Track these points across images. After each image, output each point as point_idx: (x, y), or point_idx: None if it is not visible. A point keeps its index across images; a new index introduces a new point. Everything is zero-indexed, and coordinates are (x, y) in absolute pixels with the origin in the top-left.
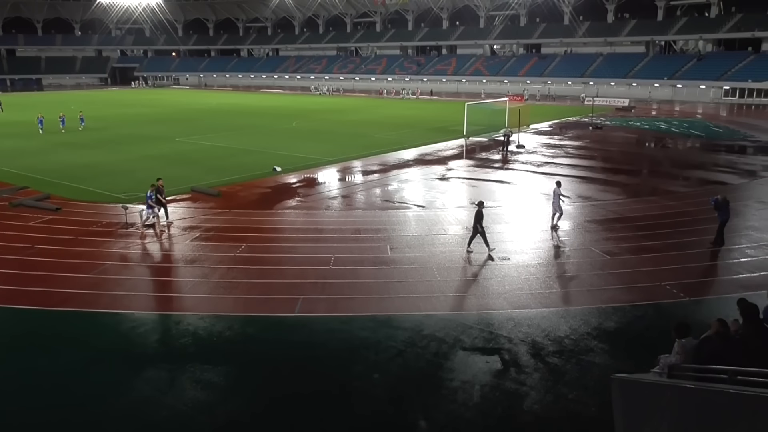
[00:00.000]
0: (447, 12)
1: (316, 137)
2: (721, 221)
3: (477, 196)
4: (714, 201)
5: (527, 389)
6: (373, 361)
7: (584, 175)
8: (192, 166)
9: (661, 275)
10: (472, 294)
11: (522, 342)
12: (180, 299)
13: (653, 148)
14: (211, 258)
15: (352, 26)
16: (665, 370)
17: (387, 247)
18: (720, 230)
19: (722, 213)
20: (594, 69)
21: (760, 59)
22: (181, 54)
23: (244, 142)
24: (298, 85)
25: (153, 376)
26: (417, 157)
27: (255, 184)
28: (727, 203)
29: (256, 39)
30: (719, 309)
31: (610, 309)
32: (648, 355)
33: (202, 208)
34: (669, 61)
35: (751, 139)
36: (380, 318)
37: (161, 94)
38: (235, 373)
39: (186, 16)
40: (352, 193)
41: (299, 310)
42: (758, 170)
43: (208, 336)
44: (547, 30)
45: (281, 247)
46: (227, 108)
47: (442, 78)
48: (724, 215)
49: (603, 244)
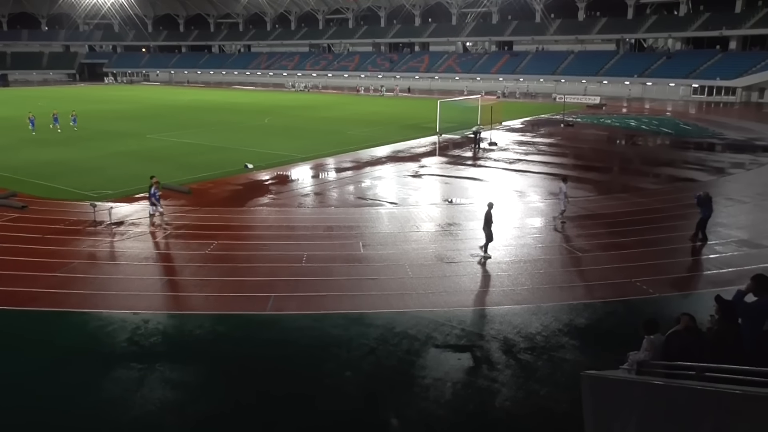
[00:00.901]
0: (419, 9)
1: (288, 134)
2: (703, 217)
3: (450, 193)
4: (697, 197)
5: (499, 386)
6: (345, 359)
7: (556, 172)
8: (162, 163)
9: (630, 272)
10: (444, 291)
11: (494, 339)
12: (149, 297)
13: (624, 146)
14: (181, 256)
15: (325, 23)
16: (634, 367)
17: (360, 245)
18: (701, 226)
19: (705, 209)
20: (565, 66)
21: (728, 57)
22: (151, 50)
23: (215, 139)
24: (271, 82)
25: (122, 376)
26: (390, 154)
27: (226, 181)
28: (710, 199)
29: (227, 35)
30: (688, 305)
31: (581, 305)
32: (618, 352)
33: (173, 206)
34: (639, 59)
35: (719, 136)
36: (352, 315)
37: (131, 91)
38: (206, 371)
39: (156, 12)
40: (325, 190)
41: (271, 308)
42: (726, 167)
43: (178, 335)
44: (518, 27)
45: (253, 245)
46: (198, 104)
47: (414, 75)
48: (707, 211)
49: (574, 241)
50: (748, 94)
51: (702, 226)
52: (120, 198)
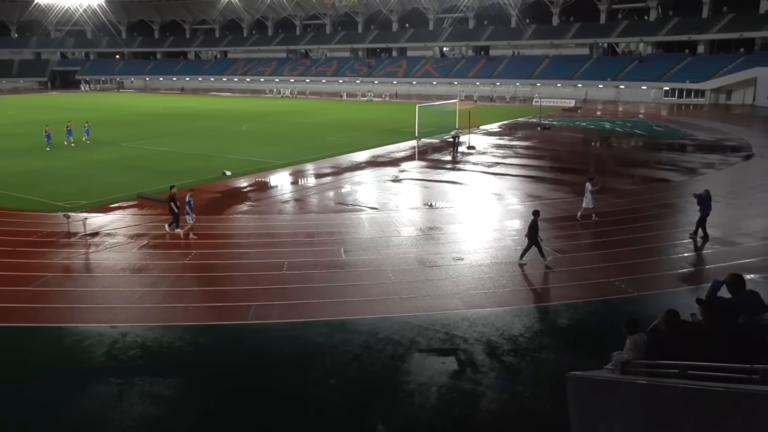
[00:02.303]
0: (396, 14)
1: (267, 140)
2: (703, 215)
3: (430, 197)
4: (698, 196)
5: (483, 389)
6: (329, 366)
7: (534, 174)
8: (138, 172)
9: (610, 271)
10: (427, 295)
11: (477, 342)
12: (127, 310)
13: (599, 148)
14: (159, 266)
15: (302, 28)
16: (618, 367)
17: (341, 251)
18: (701, 224)
19: (704, 207)
20: (541, 70)
21: (697, 61)
22: (125, 56)
23: (192, 146)
24: (248, 88)
25: (99, 392)
26: (370, 159)
27: (204, 189)
28: (709, 198)
29: (203, 41)
30: (666, 303)
31: (563, 306)
32: (600, 351)
33: (150, 215)
34: (612, 62)
35: (691, 137)
36: (335, 322)
37: (105, 98)
38: (187, 384)
39: (130, 18)
40: (305, 197)
41: (252, 317)
42: (698, 167)
43: (158, 347)
44: (494, 32)
45: (233, 253)
46: (174, 111)
47: (393, 80)
48: (705, 209)
49: (553, 242)
50: (716, 96)
51: (702, 224)
52: (95, 208)
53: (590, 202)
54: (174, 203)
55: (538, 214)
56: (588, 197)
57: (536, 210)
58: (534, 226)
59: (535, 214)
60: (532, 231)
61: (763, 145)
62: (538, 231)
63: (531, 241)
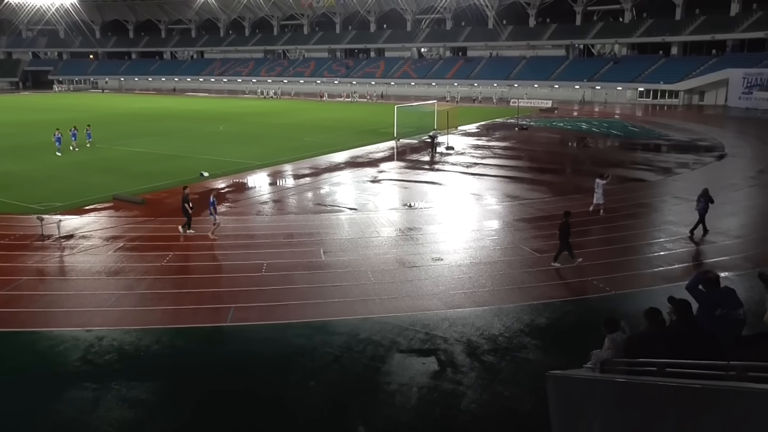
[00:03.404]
0: (374, 15)
1: (244, 141)
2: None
3: (409, 197)
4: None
5: (464, 389)
6: (310, 368)
7: (512, 174)
8: (113, 174)
9: (588, 271)
10: (407, 295)
11: (457, 342)
12: (103, 313)
13: (576, 148)
14: (136, 269)
15: (279, 28)
16: (597, 366)
17: (320, 252)
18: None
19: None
20: (518, 71)
21: (670, 62)
22: (99, 56)
23: (169, 147)
24: (225, 88)
25: (75, 397)
26: (348, 160)
27: (181, 190)
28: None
29: (179, 41)
30: (643, 301)
31: (541, 305)
32: (580, 350)
33: (126, 217)
34: (588, 63)
35: (665, 138)
36: (315, 324)
37: (79, 99)
38: (165, 388)
39: (104, 17)
40: (284, 198)
41: (231, 320)
42: (673, 167)
43: (135, 351)
44: (472, 33)
45: (211, 255)
46: (150, 112)
47: (371, 81)
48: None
49: (532, 242)
50: (689, 96)
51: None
52: (69, 210)
53: (601, 198)
54: (187, 204)
55: (569, 215)
56: (599, 192)
57: (567, 211)
58: (565, 227)
59: (566, 215)
60: (563, 233)
61: (735, 145)
62: (569, 232)
63: (563, 243)
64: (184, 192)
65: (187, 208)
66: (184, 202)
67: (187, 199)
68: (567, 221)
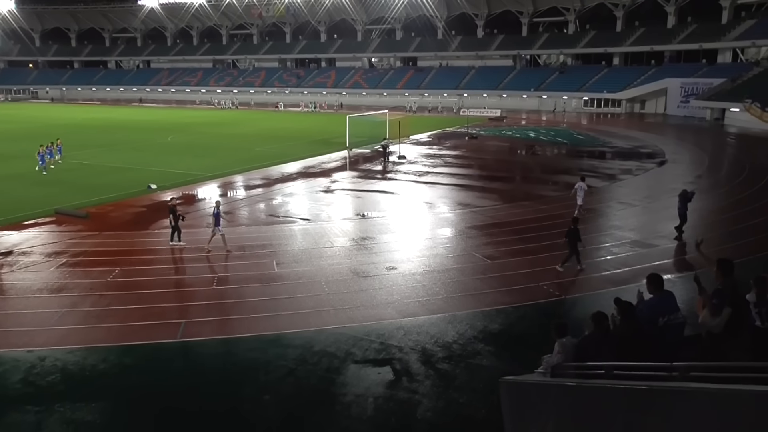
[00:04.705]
0: (325, 25)
1: (194, 152)
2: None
3: (362, 207)
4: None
5: (420, 397)
6: (264, 382)
7: (463, 183)
8: (55, 187)
9: (538, 276)
10: (361, 305)
11: (412, 350)
12: (45, 332)
13: (524, 156)
14: (80, 285)
15: (228, 38)
16: (548, 370)
17: (273, 263)
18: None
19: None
20: (467, 81)
21: (612, 72)
22: (39, 65)
23: (114, 159)
24: (173, 99)
25: (15, 421)
26: (301, 170)
27: (128, 203)
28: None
29: (124, 50)
30: (593, 304)
31: (494, 311)
32: (532, 355)
33: (69, 232)
34: (534, 73)
35: (609, 145)
36: (269, 337)
37: (17, 109)
38: (113, 408)
39: (44, 25)
40: (235, 209)
41: (182, 335)
42: (617, 174)
43: (80, 371)
44: (422, 44)
45: (160, 270)
46: (94, 123)
47: (322, 90)
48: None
49: (483, 249)
50: (631, 105)
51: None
52: (8, 226)
53: (582, 200)
54: (174, 215)
55: (577, 221)
56: (581, 195)
57: (575, 217)
58: (572, 233)
59: (574, 222)
60: (571, 238)
61: (675, 152)
62: (578, 237)
63: (572, 249)
64: (170, 203)
65: (172, 220)
66: (171, 213)
67: (174, 210)
68: (575, 227)
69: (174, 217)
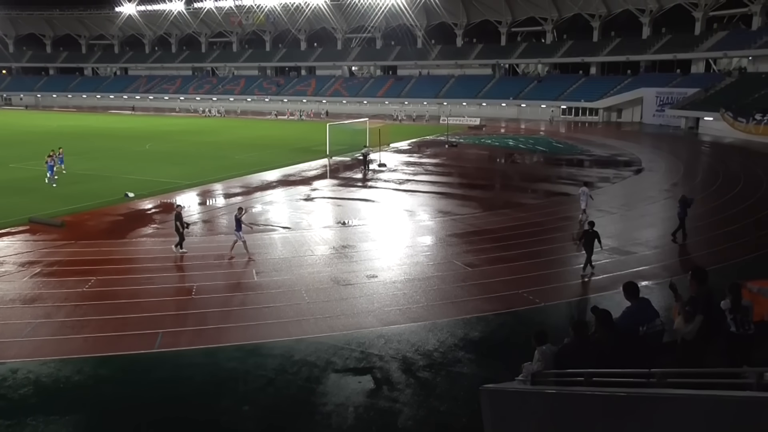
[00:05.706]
0: (305, 34)
1: (172, 160)
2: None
3: (343, 215)
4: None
5: (400, 406)
6: (243, 393)
7: (443, 191)
8: (29, 195)
9: (518, 284)
10: (342, 314)
11: (393, 359)
12: (18, 344)
13: (504, 164)
14: (54, 295)
15: (208, 46)
16: (528, 378)
17: (253, 272)
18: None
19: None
20: (447, 90)
21: (589, 81)
22: (13, 72)
23: (91, 167)
24: (151, 106)
25: None
26: (281, 178)
27: (104, 212)
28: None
29: (101, 57)
30: (571, 311)
31: (474, 319)
32: (512, 362)
33: (43, 241)
34: (513, 82)
35: (587, 153)
36: (248, 347)
37: None
38: (88, 421)
39: (18, 31)
40: (214, 218)
41: (159, 346)
42: (595, 181)
43: (54, 383)
44: (401, 53)
45: (137, 279)
46: (70, 130)
47: (302, 98)
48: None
49: (464, 257)
50: (608, 114)
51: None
52: None
53: (585, 204)
54: (180, 222)
55: (593, 225)
56: (583, 200)
57: (591, 221)
58: (590, 236)
59: (591, 225)
60: (588, 241)
61: (651, 160)
62: (593, 241)
63: (589, 252)
64: (176, 209)
65: (179, 227)
66: (177, 220)
67: (180, 217)
68: (591, 230)
69: (180, 224)
